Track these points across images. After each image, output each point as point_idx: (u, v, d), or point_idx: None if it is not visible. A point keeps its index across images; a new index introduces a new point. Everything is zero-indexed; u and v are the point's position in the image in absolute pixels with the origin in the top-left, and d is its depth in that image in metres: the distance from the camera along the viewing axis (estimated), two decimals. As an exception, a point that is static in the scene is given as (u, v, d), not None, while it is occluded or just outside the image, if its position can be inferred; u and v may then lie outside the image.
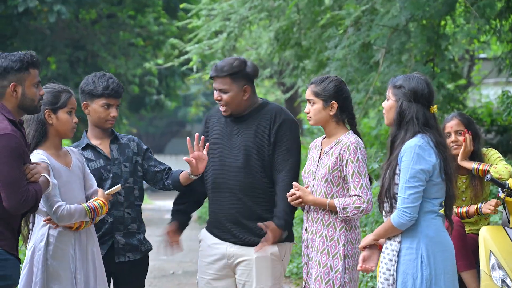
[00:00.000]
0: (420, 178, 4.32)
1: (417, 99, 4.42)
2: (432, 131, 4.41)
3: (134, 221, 5.38)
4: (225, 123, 5.22)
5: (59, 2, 16.56)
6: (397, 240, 4.41)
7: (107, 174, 5.29)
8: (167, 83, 22.12)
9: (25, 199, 4.23)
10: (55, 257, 4.78)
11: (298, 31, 11.34)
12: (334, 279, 4.83)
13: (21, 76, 4.37)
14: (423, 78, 4.47)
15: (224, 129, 5.21)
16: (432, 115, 4.45)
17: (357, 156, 4.84)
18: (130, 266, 5.34)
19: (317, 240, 4.90)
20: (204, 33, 12.01)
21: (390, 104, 4.48)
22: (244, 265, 5.12)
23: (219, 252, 5.17)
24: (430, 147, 4.36)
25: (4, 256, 4.28)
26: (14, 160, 4.23)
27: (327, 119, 4.96)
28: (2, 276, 4.25)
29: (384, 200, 4.45)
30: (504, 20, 9.33)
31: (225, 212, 5.14)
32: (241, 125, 5.17)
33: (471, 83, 15.25)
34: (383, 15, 9.19)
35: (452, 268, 4.42)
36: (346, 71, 9.47)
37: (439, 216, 4.42)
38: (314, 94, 4.96)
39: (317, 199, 4.90)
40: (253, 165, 5.11)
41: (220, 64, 5.15)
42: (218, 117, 5.26)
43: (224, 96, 5.13)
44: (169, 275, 11.30)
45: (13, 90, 4.35)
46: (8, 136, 4.23)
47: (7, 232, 4.31)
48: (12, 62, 4.36)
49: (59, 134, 4.88)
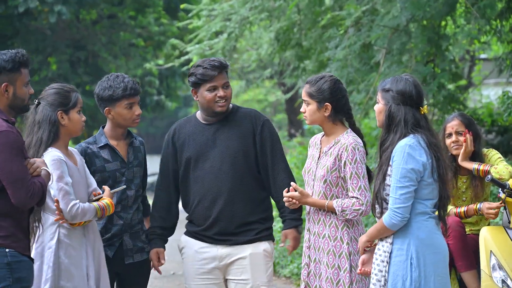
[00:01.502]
0: (411, 178, 4.32)
1: (405, 101, 4.41)
2: (423, 131, 4.40)
3: (140, 222, 5.45)
4: (204, 131, 5.18)
5: (60, 3, 16.56)
6: (388, 241, 4.41)
7: (121, 177, 5.34)
8: (168, 84, 22.12)
9: (32, 193, 4.23)
10: (68, 255, 4.83)
11: (299, 32, 11.34)
12: (344, 278, 4.83)
13: (13, 76, 4.36)
14: (411, 80, 4.45)
15: (207, 137, 5.17)
16: (422, 116, 4.44)
17: (355, 157, 4.83)
18: (137, 267, 5.39)
19: (321, 241, 4.90)
20: (205, 34, 12.00)
21: (380, 108, 4.48)
22: (238, 263, 5.14)
23: (209, 255, 5.16)
24: (421, 147, 4.35)
25: (18, 258, 4.28)
26: (15, 156, 4.23)
27: (322, 119, 4.95)
28: (17, 279, 4.26)
29: (375, 203, 4.46)
30: (504, 20, 9.32)
31: (216, 217, 5.14)
32: (223, 130, 5.17)
33: (472, 83, 15.24)
34: (383, 16, 9.18)
35: (444, 270, 4.41)
36: (346, 72, 9.46)
37: (432, 218, 4.40)
38: (308, 95, 4.93)
39: (316, 201, 4.89)
40: (240, 169, 5.12)
41: (215, 61, 5.11)
42: (191, 130, 5.21)
43: (228, 91, 5.14)
44: (170, 276, 11.29)
45: (4, 90, 4.34)
46: (6, 133, 4.23)
47: (18, 233, 4.31)
48: (4, 62, 4.35)
49: (70, 133, 4.95)
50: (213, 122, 5.19)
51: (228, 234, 5.15)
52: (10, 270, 4.24)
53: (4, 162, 4.20)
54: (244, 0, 11.43)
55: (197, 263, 5.19)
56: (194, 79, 5.11)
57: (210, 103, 5.11)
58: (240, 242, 5.15)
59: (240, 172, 5.13)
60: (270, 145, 5.18)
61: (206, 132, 5.18)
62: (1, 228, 4.26)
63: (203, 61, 5.15)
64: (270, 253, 5.19)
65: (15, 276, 4.25)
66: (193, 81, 5.12)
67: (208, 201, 5.15)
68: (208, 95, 5.09)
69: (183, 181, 5.25)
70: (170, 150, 5.29)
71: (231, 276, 5.16)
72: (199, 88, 5.12)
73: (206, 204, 5.16)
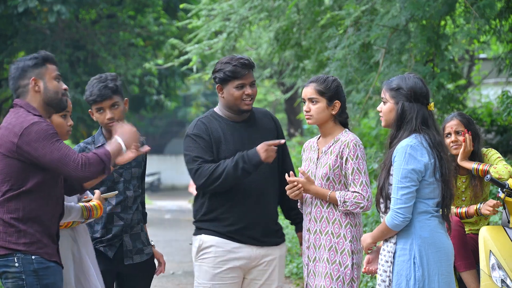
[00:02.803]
0: (412, 178, 4.33)
1: (417, 98, 4.44)
2: (429, 130, 4.42)
3: (139, 223, 5.45)
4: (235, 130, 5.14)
5: (59, 2, 16.55)
6: (392, 241, 4.42)
7: (119, 178, 5.33)
8: (167, 83, 22.11)
9: (82, 163, 4.22)
10: None
11: (298, 31, 11.34)
12: (344, 275, 4.83)
13: (39, 71, 4.42)
14: (418, 77, 4.49)
15: (241, 136, 5.13)
16: (430, 113, 4.46)
17: (357, 153, 4.85)
18: (138, 268, 5.39)
19: (323, 238, 4.90)
20: (204, 33, 12.00)
21: (389, 107, 4.47)
22: (265, 265, 5.15)
23: (242, 256, 5.10)
24: (423, 147, 4.36)
25: (44, 264, 4.29)
26: (51, 138, 4.25)
27: (327, 118, 4.96)
28: (45, 285, 4.27)
29: (379, 200, 4.47)
30: (504, 20, 9.32)
31: (253, 217, 5.09)
32: (253, 128, 5.17)
33: (471, 83, 15.23)
34: (383, 15, 9.18)
35: (448, 269, 4.41)
36: (346, 71, 9.46)
37: (434, 217, 4.41)
38: (318, 93, 4.93)
39: (319, 189, 4.88)
40: (273, 168, 5.15)
41: (243, 59, 5.09)
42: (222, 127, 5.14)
43: (254, 89, 5.14)
44: (169, 275, 11.30)
45: (34, 85, 4.39)
46: (37, 123, 4.27)
47: (45, 239, 4.32)
48: (27, 60, 4.42)
49: None
50: (240, 120, 5.17)
51: (264, 235, 5.14)
52: (37, 277, 4.25)
53: (44, 148, 4.23)
54: (243, 0, 11.43)
55: (229, 263, 5.10)
56: (223, 75, 5.07)
57: (237, 101, 5.09)
58: (272, 243, 5.18)
59: (273, 172, 5.16)
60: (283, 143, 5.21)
61: (238, 131, 5.15)
62: (27, 235, 4.27)
63: (231, 58, 5.11)
64: (285, 255, 5.28)
65: (43, 282, 4.26)
66: (221, 78, 5.08)
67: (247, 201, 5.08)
68: (236, 92, 5.08)
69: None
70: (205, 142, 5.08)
71: (253, 276, 5.17)
72: (226, 84, 5.09)
73: (246, 205, 5.08)
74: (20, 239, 4.26)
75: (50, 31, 18.19)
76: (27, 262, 4.24)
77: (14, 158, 4.27)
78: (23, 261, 4.25)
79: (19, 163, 4.27)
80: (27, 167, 4.28)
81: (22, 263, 4.24)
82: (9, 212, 4.27)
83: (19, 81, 4.41)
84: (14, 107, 4.41)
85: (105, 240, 5.27)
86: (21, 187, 4.28)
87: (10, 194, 4.28)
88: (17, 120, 4.31)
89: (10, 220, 4.27)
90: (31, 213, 4.28)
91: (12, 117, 4.35)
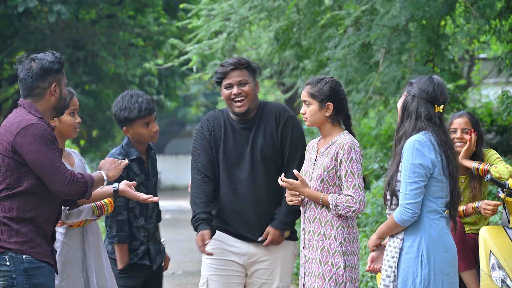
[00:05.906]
0: (420, 173, 4.35)
1: (421, 95, 4.47)
2: (436, 128, 4.44)
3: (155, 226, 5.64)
4: (235, 131, 5.17)
5: (59, 2, 16.55)
6: (399, 237, 4.43)
7: (144, 190, 5.43)
8: (167, 83, 22.11)
9: (70, 179, 4.25)
10: (62, 253, 4.83)
11: (298, 31, 11.34)
12: (336, 275, 4.83)
13: (59, 77, 4.44)
14: (433, 78, 4.54)
15: (240, 138, 5.17)
16: (437, 114, 4.48)
17: (351, 156, 4.85)
18: (158, 269, 5.59)
19: (315, 239, 4.90)
20: (204, 33, 12.00)
21: (401, 99, 4.58)
22: (267, 264, 5.18)
23: (242, 251, 5.17)
24: (430, 144, 4.39)
25: (35, 264, 4.29)
26: (46, 145, 4.25)
27: (322, 120, 4.97)
28: (35, 285, 4.27)
29: (386, 192, 4.49)
30: (504, 20, 9.32)
31: (251, 216, 5.14)
32: (253, 132, 5.17)
33: (471, 83, 15.23)
34: (383, 15, 9.18)
35: (453, 270, 4.42)
36: (346, 71, 9.46)
37: (443, 218, 4.42)
38: (310, 96, 4.95)
39: (312, 192, 4.89)
40: (272, 169, 5.15)
41: (233, 59, 5.15)
42: (224, 127, 5.19)
43: (245, 88, 5.12)
44: (169, 275, 11.30)
45: (54, 91, 4.40)
46: (36, 125, 4.27)
47: (38, 239, 4.31)
48: (52, 63, 4.40)
49: (62, 135, 4.92)
50: (241, 121, 5.19)
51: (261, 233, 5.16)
52: (27, 276, 4.26)
53: (36, 153, 4.23)
54: (243, 0, 11.42)
55: (222, 253, 5.17)
56: (215, 77, 5.19)
57: (228, 101, 5.14)
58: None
59: (273, 172, 5.14)
60: (289, 144, 5.19)
61: (239, 133, 5.18)
62: (19, 234, 4.28)
63: (226, 60, 5.21)
64: (295, 255, 5.29)
65: (33, 282, 4.27)
66: (215, 80, 5.19)
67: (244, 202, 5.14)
68: (225, 92, 5.14)
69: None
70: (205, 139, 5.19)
71: (255, 275, 5.20)
72: (220, 86, 5.17)
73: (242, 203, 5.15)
74: (11, 238, 4.27)
75: (50, 31, 18.19)
76: (17, 261, 4.26)
77: (9, 157, 4.28)
78: (14, 260, 4.26)
79: (14, 163, 4.28)
80: (22, 167, 4.28)
81: (13, 262, 4.26)
82: (3, 211, 4.28)
83: (39, 82, 4.40)
84: (18, 107, 4.43)
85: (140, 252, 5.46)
86: (17, 187, 4.28)
87: (6, 193, 4.29)
88: (16, 119, 4.32)
89: (4, 219, 4.28)
90: (25, 214, 4.28)
91: (12, 116, 4.36)
